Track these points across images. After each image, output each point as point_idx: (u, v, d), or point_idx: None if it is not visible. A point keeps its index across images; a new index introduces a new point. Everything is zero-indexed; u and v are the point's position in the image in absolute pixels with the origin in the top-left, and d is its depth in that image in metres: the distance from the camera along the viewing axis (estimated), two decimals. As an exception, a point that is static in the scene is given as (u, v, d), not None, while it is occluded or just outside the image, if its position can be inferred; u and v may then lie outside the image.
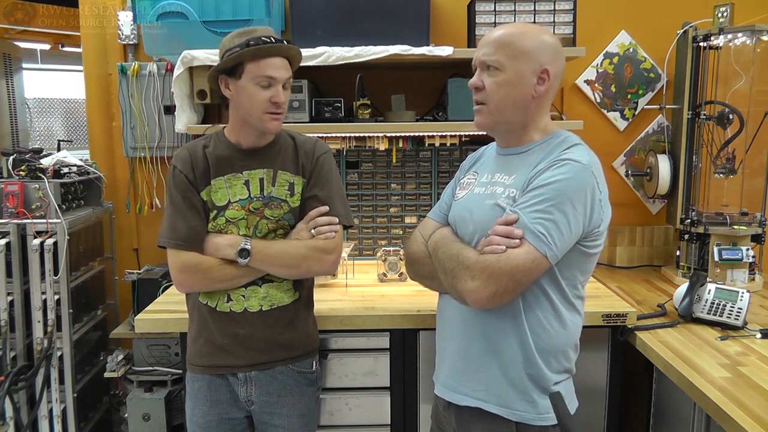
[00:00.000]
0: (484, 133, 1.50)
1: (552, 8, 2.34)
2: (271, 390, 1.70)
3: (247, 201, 1.64)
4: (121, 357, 2.42)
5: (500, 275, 1.28)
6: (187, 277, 1.61)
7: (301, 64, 2.21)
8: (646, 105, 2.70)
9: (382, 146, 2.45)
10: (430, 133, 2.42)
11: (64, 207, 2.29)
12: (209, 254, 1.61)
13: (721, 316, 1.93)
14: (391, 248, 2.40)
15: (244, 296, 1.65)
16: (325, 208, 1.66)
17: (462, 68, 2.46)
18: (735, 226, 2.33)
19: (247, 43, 1.53)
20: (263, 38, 1.54)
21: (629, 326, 1.95)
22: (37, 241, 2.15)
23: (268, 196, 1.65)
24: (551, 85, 1.39)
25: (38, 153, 2.44)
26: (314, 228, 1.65)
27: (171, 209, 1.63)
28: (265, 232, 1.66)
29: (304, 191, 1.68)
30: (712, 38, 2.33)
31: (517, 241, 1.29)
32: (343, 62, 2.24)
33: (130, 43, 2.64)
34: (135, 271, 2.49)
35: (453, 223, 1.53)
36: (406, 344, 2.02)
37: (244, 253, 1.59)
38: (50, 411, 2.26)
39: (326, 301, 2.14)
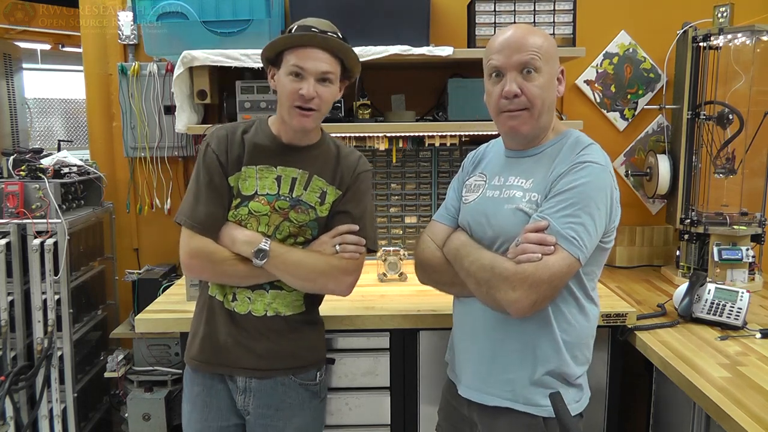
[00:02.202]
0: (489, 133, 1.51)
1: (552, 8, 2.34)
2: (270, 402, 1.61)
3: (274, 197, 1.56)
4: (121, 357, 2.43)
5: (540, 284, 1.29)
6: (197, 263, 1.53)
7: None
8: (646, 105, 2.70)
9: (382, 146, 2.45)
10: (430, 133, 2.42)
11: (64, 207, 2.30)
12: (224, 245, 1.53)
13: (721, 316, 1.93)
14: (391, 248, 2.40)
15: (249, 298, 1.58)
16: (356, 227, 1.59)
17: (462, 68, 2.46)
18: (735, 226, 2.34)
19: (290, 30, 1.50)
20: (311, 27, 1.49)
21: (629, 326, 1.95)
22: (37, 241, 2.16)
23: (296, 199, 1.57)
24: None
25: (38, 153, 2.44)
26: (340, 244, 1.57)
27: (195, 187, 1.55)
28: (285, 234, 1.57)
29: (335, 203, 1.60)
30: (711, 38, 2.33)
31: (552, 248, 1.30)
32: (343, 62, 2.24)
33: (131, 43, 2.64)
34: (135, 271, 2.49)
35: (466, 227, 1.52)
36: (406, 344, 2.02)
37: (261, 254, 1.50)
38: (50, 411, 2.26)
39: (326, 301, 2.13)
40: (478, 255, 1.42)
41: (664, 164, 2.50)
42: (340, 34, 1.52)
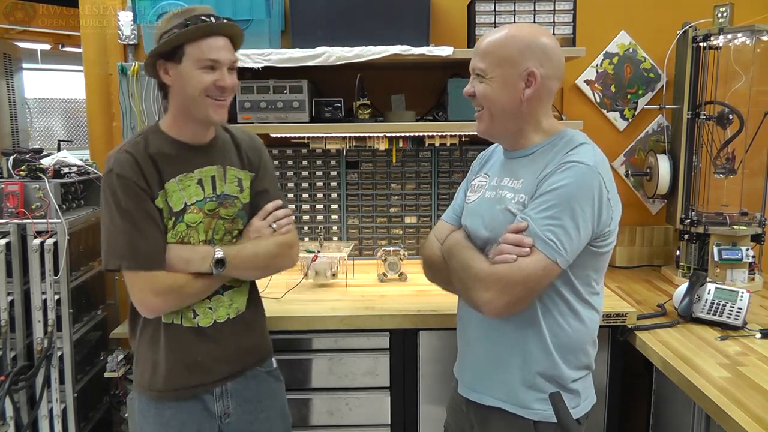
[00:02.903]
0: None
1: (552, 8, 2.34)
2: (249, 396, 1.62)
3: (203, 202, 1.52)
4: (121, 357, 2.42)
5: (513, 285, 1.29)
6: (162, 300, 1.45)
7: (301, 64, 2.24)
8: (646, 105, 2.70)
9: (382, 146, 2.45)
10: (430, 133, 2.42)
11: (64, 207, 2.29)
12: (176, 270, 1.46)
13: (721, 316, 1.93)
14: (391, 248, 2.41)
15: (211, 308, 1.55)
16: (279, 202, 1.62)
17: (462, 68, 2.45)
18: (735, 226, 2.34)
19: (185, 23, 1.41)
20: (202, 17, 1.42)
21: (629, 326, 1.95)
22: (37, 241, 2.15)
23: (222, 195, 1.54)
24: (542, 86, 1.38)
25: (38, 153, 2.43)
26: (275, 222, 1.59)
27: (125, 224, 1.43)
28: (222, 233, 1.56)
29: (252, 186, 1.61)
30: (711, 38, 2.33)
31: (527, 249, 1.29)
32: (343, 62, 2.24)
33: (130, 43, 2.64)
34: (135, 271, 2.48)
35: (466, 227, 1.54)
36: (406, 344, 2.02)
37: (219, 264, 1.47)
38: (50, 411, 2.25)
39: (326, 301, 2.14)
40: (462, 255, 1.43)
41: (664, 164, 2.49)
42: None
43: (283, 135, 2.47)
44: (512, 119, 1.41)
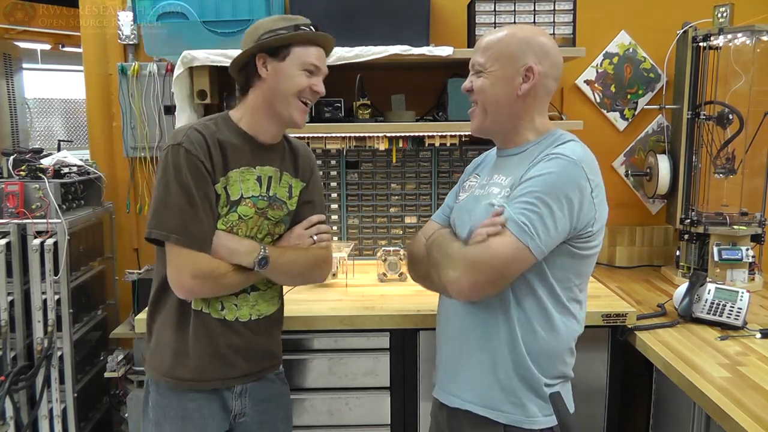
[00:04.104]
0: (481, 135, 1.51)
1: (552, 8, 2.34)
2: (264, 398, 1.64)
3: (257, 198, 1.54)
4: (121, 357, 2.42)
5: (480, 265, 1.28)
6: (199, 283, 1.45)
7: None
8: (646, 105, 2.70)
9: (382, 146, 2.45)
10: (430, 133, 2.42)
11: (64, 207, 2.29)
12: (220, 257, 1.47)
13: (721, 316, 1.93)
14: (391, 248, 2.41)
15: (236, 305, 1.56)
16: (323, 217, 1.65)
17: (462, 68, 2.44)
18: (735, 226, 2.34)
19: (296, 26, 1.50)
20: (309, 25, 1.52)
21: (629, 326, 1.95)
22: (37, 241, 2.15)
23: (273, 197, 1.57)
24: (539, 83, 1.38)
25: (38, 153, 2.44)
26: (316, 234, 1.61)
27: (182, 199, 1.42)
28: (264, 233, 1.58)
29: (300, 195, 1.64)
30: (711, 38, 2.33)
31: (498, 228, 1.28)
32: (343, 62, 2.24)
33: (130, 43, 2.64)
34: (135, 271, 2.48)
35: (453, 223, 1.54)
36: (406, 344, 2.02)
37: (263, 261, 1.49)
38: (50, 411, 2.26)
39: (326, 301, 2.14)
40: (440, 241, 1.44)
41: (664, 164, 2.50)
42: None
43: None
44: (505, 115, 1.42)
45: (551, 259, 1.33)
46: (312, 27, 1.52)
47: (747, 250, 2.31)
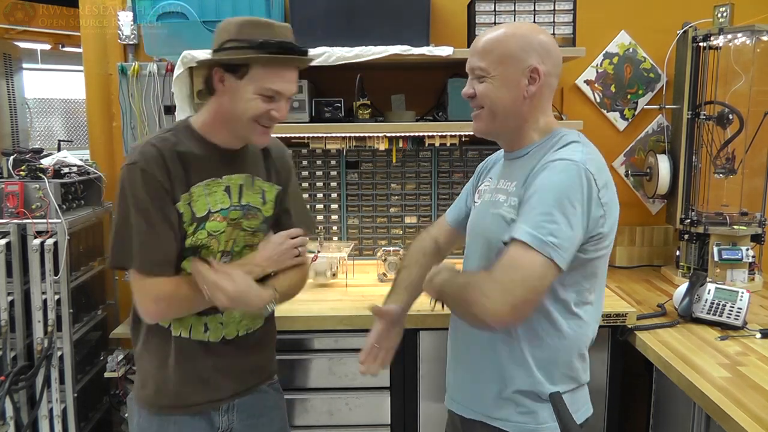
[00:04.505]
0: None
1: (552, 8, 2.34)
2: (253, 412, 1.59)
3: (228, 210, 1.44)
4: (121, 357, 2.42)
5: (514, 287, 1.22)
6: (164, 306, 1.38)
7: (301, 64, 2.24)
8: (646, 105, 2.70)
9: (382, 146, 2.45)
10: (430, 133, 2.42)
11: (64, 207, 2.29)
12: (234, 298, 1.33)
13: (721, 316, 1.93)
14: (391, 248, 2.41)
15: (222, 324, 1.49)
16: (301, 231, 1.54)
17: (462, 68, 2.42)
18: (735, 226, 2.34)
19: (261, 43, 1.31)
20: (281, 43, 1.33)
21: (629, 326, 1.95)
22: (37, 241, 2.15)
23: (246, 206, 1.47)
24: (544, 83, 1.35)
25: (38, 153, 2.43)
26: (299, 247, 1.53)
27: (141, 224, 1.33)
28: (241, 246, 1.49)
29: (277, 201, 1.55)
30: (711, 38, 2.33)
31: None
32: (343, 62, 2.24)
33: (130, 43, 2.64)
34: (135, 271, 2.48)
35: (467, 231, 1.54)
36: (406, 344, 2.02)
37: (272, 305, 1.44)
38: (50, 411, 2.25)
39: (326, 301, 2.14)
40: (453, 284, 1.35)
41: (664, 164, 2.50)
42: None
43: (283, 135, 2.47)
44: (513, 118, 1.38)
45: None
46: (289, 45, 1.35)
47: (747, 250, 2.31)
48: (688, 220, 2.41)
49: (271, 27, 1.35)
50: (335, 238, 2.72)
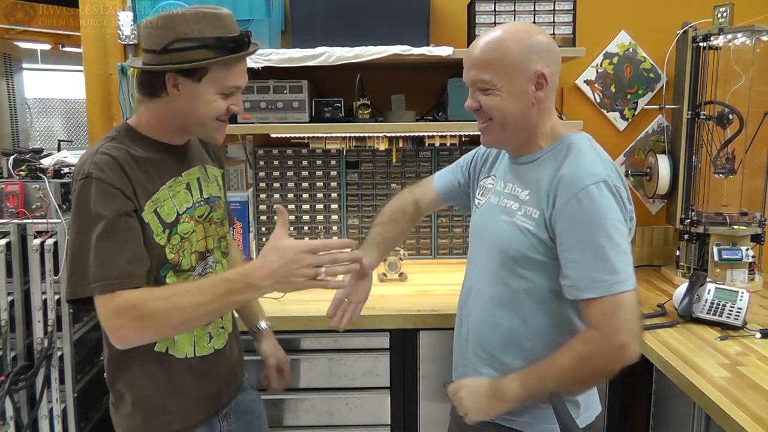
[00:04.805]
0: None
1: (552, 8, 2.34)
2: (246, 410, 1.60)
3: (193, 208, 1.37)
4: (121, 357, 2.42)
5: (633, 323, 1.24)
6: (127, 320, 1.18)
7: (301, 64, 2.24)
8: (646, 105, 2.70)
9: (382, 146, 2.45)
10: (430, 133, 2.42)
11: (64, 207, 2.29)
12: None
13: (721, 316, 1.93)
14: (391, 248, 2.40)
15: (223, 327, 1.48)
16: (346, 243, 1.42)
17: (462, 68, 2.46)
18: (735, 226, 2.34)
19: (216, 41, 1.24)
20: (235, 38, 1.27)
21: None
22: (37, 241, 2.15)
23: (209, 197, 1.42)
24: (550, 85, 1.32)
25: (38, 153, 2.43)
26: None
27: (100, 240, 1.18)
28: (217, 240, 1.44)
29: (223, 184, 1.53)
30: (711, 38, 2.33)
31: None
32: (343, 62, 2.24)
33: (131, 43, 2.64)
34: (135, 271, 2.48)
35: (471, 233, 1.52)
36: (406, 344, 2.02)
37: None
38: (50, 411, 2.25)
39: (326, 301, 2.13)
40: (550, 373, 1.29)
41: (664, 164, 2.50)
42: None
43: (283, 135, 2.48)
44: (524, 127, 1.35)
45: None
46: (241, 38, 1.28)
47: (747, 250, 2.31)
48: (688, 220, 2.41)
49: (220, 19, 1.27)
50: (335, 238, 2.72)
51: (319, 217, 2.72)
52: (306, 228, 2.73)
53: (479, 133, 1.41)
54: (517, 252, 1.33)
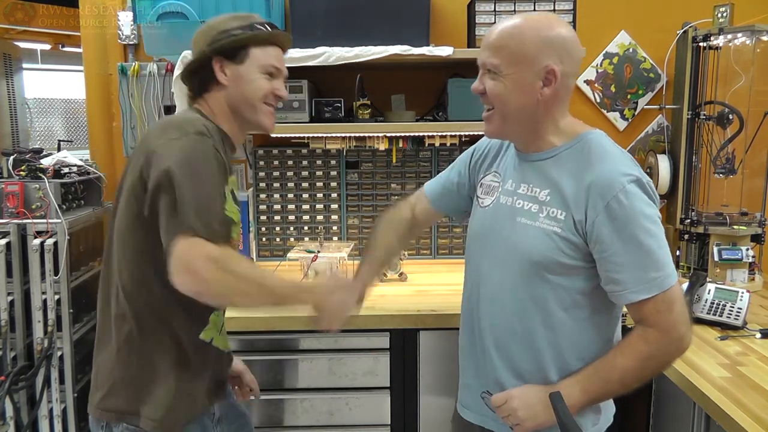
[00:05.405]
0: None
1: (552, 8, 2.34)
2: (237, 413, 1.64)
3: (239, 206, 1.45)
4: (121, 357, 2.42)
5: (680, 320, 1.23)
6: (212, 268, 1.18)
7: (301, 64, 2.24)
8: (646, 105, 2.70)
9: (382, 146, 2.45)
10: (430, 133, 2.42)
11: (64, 207, 2.29)
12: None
13: (721, 316, 1.93)
14: (391, 248, 2.40)
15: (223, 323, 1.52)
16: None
17: (462, 68, 2.46)
18: (735, 226, 2.34)
19: (251, 26, 1.39)
20: (264, 23, 1.41)
21: (629, 326, 1.94)
22: (37, 241, 2.15)
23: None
24: (561, 84, 1.26)
25: (38, 153, 2.43)
26: None
27: (209, 188, 1.23)
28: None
29: None
30: (711, 38, 2.33)
31: None
32: (343, 62, 2.24)
33: (130, 43, 2.64)
34: (135, 271, 2.48)
35: (479, 234, 1.42)
36: (406, 344, 2.02)
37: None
38: (50, 411, 2.25)
39: (326, 301, 2.14)
40: (613, 375, 1.27)
41: (664, 164, 2.50)
42: None
43: (283, 135, 2.47)
44: (526, 121, 1.29)
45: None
46: (267, 26, 1.42)
47: (747, 250, 2.31)
48: (688, 220, 2.41)
49: (253, 15, 1.44)
50: (335, 238, 2.72)
51: (319, 217, 2.72)
52: (306, 228, 2.73)
53: (480, 132, 1.39)
54: (544, 257, 1.27)
